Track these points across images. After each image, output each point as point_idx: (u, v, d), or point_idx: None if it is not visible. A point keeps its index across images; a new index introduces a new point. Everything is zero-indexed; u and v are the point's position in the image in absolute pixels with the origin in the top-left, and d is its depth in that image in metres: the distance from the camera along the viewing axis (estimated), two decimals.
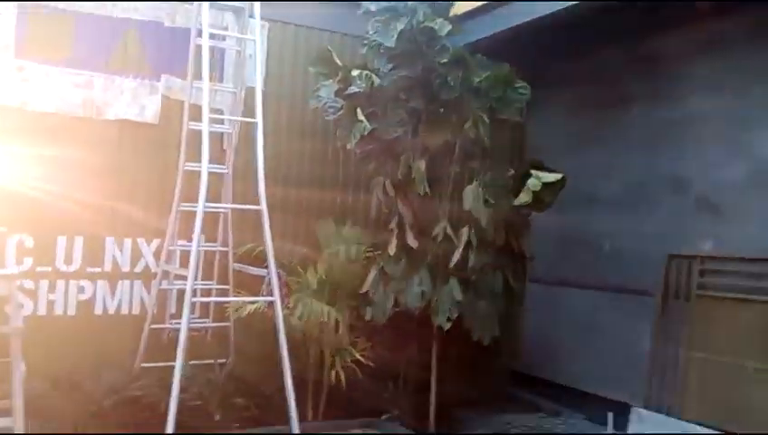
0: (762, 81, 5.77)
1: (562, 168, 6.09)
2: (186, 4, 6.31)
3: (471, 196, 5.94)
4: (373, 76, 6.04)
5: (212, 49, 6.14)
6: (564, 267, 7.49)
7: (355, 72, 6.03)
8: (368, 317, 6.26)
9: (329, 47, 6.41)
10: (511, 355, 7.69)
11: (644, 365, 6.21)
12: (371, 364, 6.17)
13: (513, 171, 6.16)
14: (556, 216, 6.68)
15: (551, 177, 5.76)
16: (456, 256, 6.03)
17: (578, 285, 7.29)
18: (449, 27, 5.83)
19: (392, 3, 6.00)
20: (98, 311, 6.12)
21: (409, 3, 5.93)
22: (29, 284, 5.83)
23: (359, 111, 6.03)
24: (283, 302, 5.63)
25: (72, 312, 6.01)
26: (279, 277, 5.70)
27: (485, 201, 5.88)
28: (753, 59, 5.86)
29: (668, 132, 6.50)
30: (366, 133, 5.98)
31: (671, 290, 6.12)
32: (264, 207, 5.58)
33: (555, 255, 7.49)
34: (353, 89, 6.08)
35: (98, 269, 6.13)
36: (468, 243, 6.01)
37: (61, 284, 5.97)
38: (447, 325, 6.07)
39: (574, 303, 7.36)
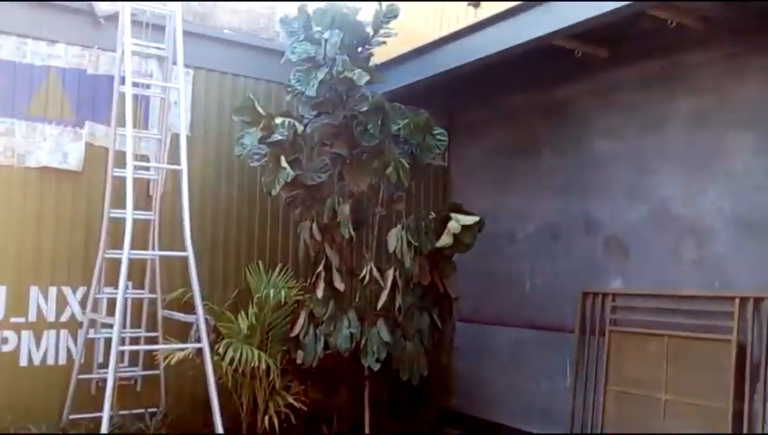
0: (654, 127, 6.67)
1: (483, 209, 6.96)
2: (109, 52, 6.92)
3: (395, 238, 6.70)
4: (296, 124, 6.68)
5: (136, 96, 6.73)
6: (489, 306, 8.23)
7: (278, 120, 6.64)
8: (299, 361, 6.82)
9: (251, 96, 7.01)
10: (442, 394, 8.37)
11: (566, 400, 7.05)
12: (305, 408, 6.72)
13: (434, 214, 6.90)
14: (480, 256, 7.50)
15: (469, 219, 6.57)
16: (384, 298, 6.74)
17: (503, 323, 8.03)
18: (367, 77, 6.54)
19: (312, 53, 6.69)
20: (23, 362, 6.49)
21: (328, 53, 6.61)
22: None
23: (282, 158, 6.61)
24: (211, 348, 6.17)
25: None
26: (207, 323, 6.20)
27: (408, 243, 6.63)
28: (645, 107, 6.77)
29: (578, 176, 7.37)
30: (289, 180, 6.57)
31: (587, 326, 6.98)
32: (190, 252, 6.12)
33: (480, 294, 8.25)
34: (276, 136, 6.67)
35: (22, 319, 6.51)
36: (395, 284, 6.73)
37: None
38: (377, 366, 6.69)
39: (500, 341, 8.11)
